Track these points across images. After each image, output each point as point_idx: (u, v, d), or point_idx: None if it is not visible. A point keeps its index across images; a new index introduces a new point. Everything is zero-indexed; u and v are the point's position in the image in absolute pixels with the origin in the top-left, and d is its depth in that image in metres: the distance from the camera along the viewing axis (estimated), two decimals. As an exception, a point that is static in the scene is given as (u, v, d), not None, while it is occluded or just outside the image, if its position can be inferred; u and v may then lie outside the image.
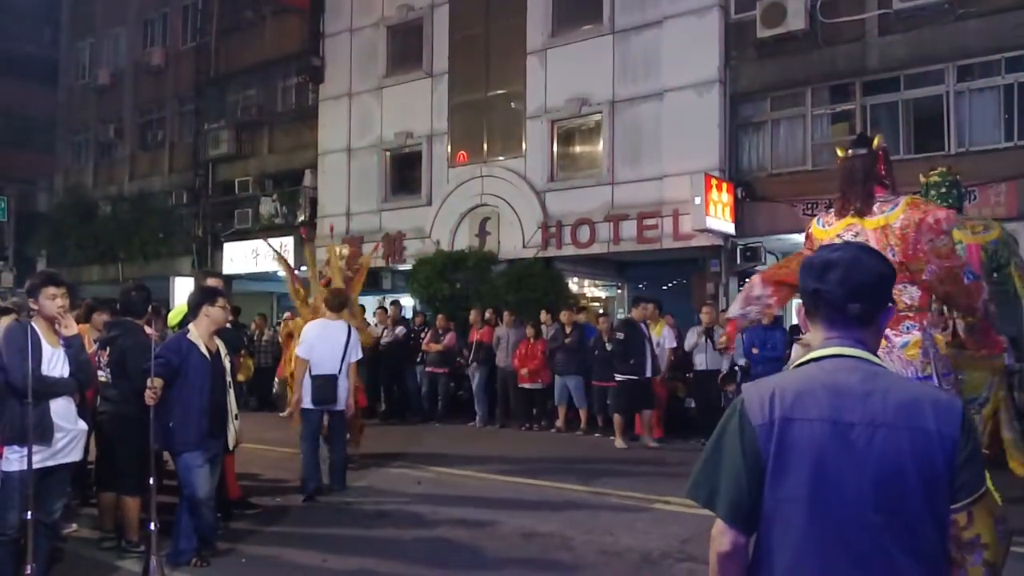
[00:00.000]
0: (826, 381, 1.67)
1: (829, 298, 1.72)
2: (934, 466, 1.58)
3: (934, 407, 1.61)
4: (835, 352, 1.71)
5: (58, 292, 4.29)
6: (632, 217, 13.63)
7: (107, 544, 5.34)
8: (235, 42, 20.89)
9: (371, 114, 17.54)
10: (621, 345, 10.11)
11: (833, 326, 1.73)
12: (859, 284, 1.71)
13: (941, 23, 11.54)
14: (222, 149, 20.37)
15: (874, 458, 1.58)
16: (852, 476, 1.58)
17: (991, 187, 10.92)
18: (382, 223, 17.10)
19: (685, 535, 5.60)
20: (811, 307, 1.77)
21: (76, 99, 25.67)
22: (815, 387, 1.67)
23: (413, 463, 8.58)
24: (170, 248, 21.58)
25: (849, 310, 1.70)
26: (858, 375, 1.66)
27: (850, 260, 1.73)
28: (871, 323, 1.74)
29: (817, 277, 1.74)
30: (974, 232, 6.60)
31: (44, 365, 4.14)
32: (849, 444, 1.59)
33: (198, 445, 4.89)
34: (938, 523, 1.59)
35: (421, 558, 5.16)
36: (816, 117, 12.93)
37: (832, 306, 1.72)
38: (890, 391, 1.64)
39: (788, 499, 1.62)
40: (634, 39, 14.00)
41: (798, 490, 1.61)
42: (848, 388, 1.64)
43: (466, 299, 13.89)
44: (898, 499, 1.57)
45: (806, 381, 1.69)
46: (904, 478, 1.57)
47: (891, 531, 1.56)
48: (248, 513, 6.28)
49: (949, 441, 1.59)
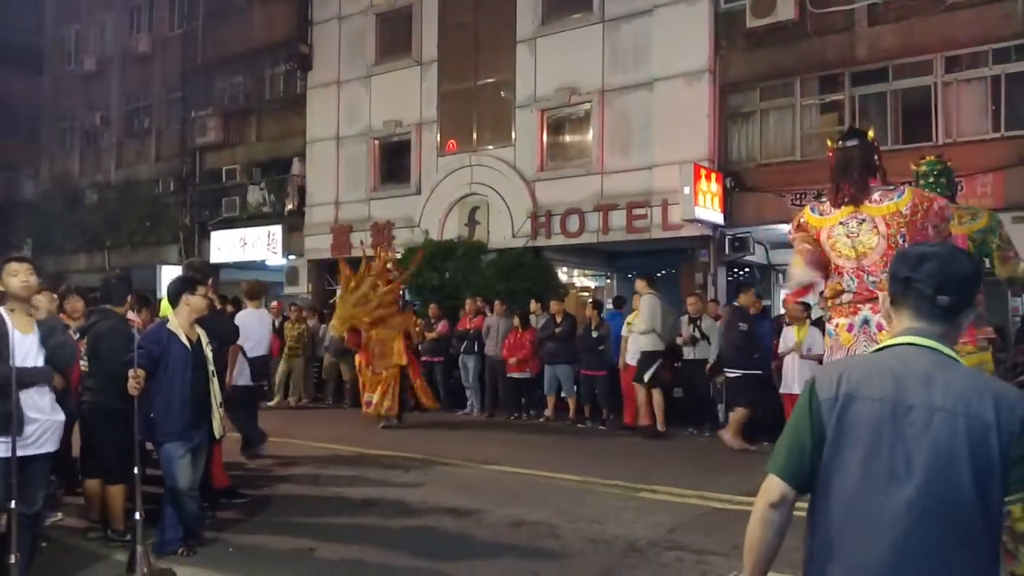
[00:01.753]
0: (894, 366, 1.75)
1: (920, 288, 1.78)
2: (989, 455, 1.62)
3: (996, 399, 1.66)
4: (909, 341, 1.79)
5: (20, 268, 4.10)
6: (621, 207, 13.63)
7: (93, 534, 5.31)
8: (222, 29, 20.68)
9: (360, 102, 17.44)
10: (745, 337, 9.21)
11: (920, 316, 1.80)
12: (951, 278, 1.77)
13: (929, 14, 11.57)
14: (209, 137, 20.22)
15: (928, 440, 1.64)
16: (904, 455, 1.65)
17: (977, 178, 10.97)
18: (371, 212, 17.05)
19: (672, 524, 5.63)
20: (899, 296, 1.83)
21: (62, 86, 25.39)
22: (882, 370, 1.76)
23: (402, 451, 8.57)
24: (157, 236, 21.45)
25: (938, 302, 1.77)
26: (926, 362, 1.73)
27: (945, 255, 1.81)
28: (955, 318, 1.79)
29: (912, 267, 1.80)
30: (960, 222, 6.54)
31: (19, 357, 3.97)
32: (906, 425, 1.67)
33: (180, 435, 4.87)
34: (988, 512, 1.62)
35: (408, 547, 5.17)
36: (805, 107, 12.95)
37: (922, 296, 1.78)
38: (955, 380, 1.70)
39: (841, 469, 1.72)
40: (624, 28, 13.96)
41: (851, 462, 1.70)
42: (913, 373, 1.72)
43: (455, 288, 13.87)
44: (947, 484, 1.61)
45: (875, 364, 1.81)
46: (956, 463, 1.62)
47: (936, 514, 1.61)
48: (235, 502, 6.26)
49: (1007, 433, 1.62)
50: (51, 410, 4.25)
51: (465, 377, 12.18)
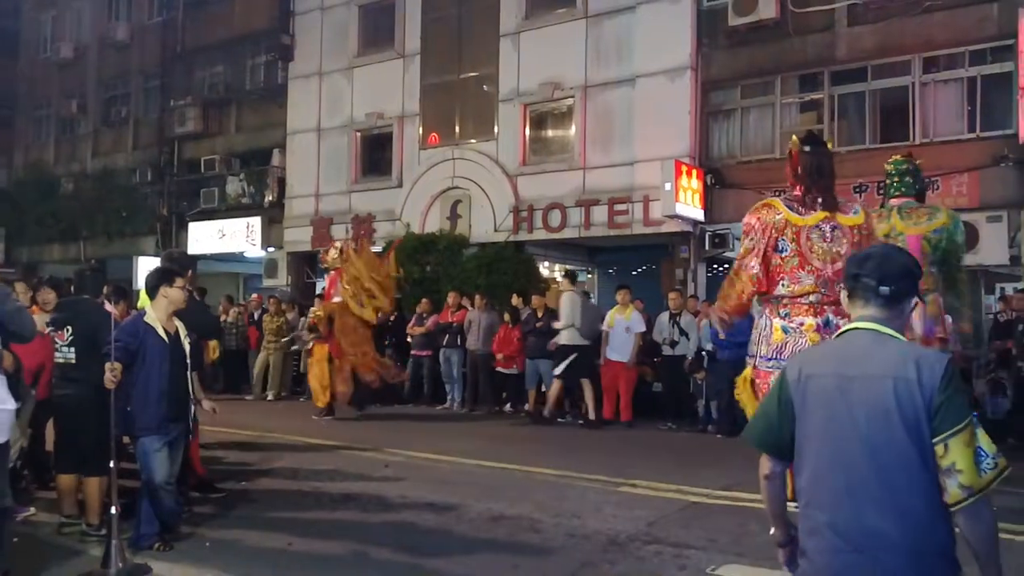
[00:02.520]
0: (841, 347, 2.20)
1: (866, 281, 2.16)
2: (915, 406, 1.99)
3: (918, 361, 2.03)
4: (856, 326, 2.18)
5: None
6: (603, 202, 13.67)
7: (67, 529, 5.24)
8: (203, 17, 20.44)
9: (342, 94, 17.33)
10: None
11: (867, 305, 2.17)
12: (890, 272, 2.16)
13: (908, 15, 11.70)
14: (188, 127, 19.99)
15: (866, 402, 2.04)
16: (849, 416, 2.06)
17: (953, 177, 11.12)
18: (352, 205, 16.95)
19: (651, 518, 5.65)
20: (851, 290, 2.22)
21: (37, 73, 24.94)
22: (832, 352, 2.23)
23: (381, 446, 8.55)
24: (134, 227, 21.15)
25: (880, 291, 2.14)
26: (867, 341, 2.12)
27: (884, 253, 2.24)
28: (897, 304, 2.16)
29: (859, 265, 2.20)
30: (916, 223, 6.56)
31: None
32: (850, 392, 2.07)
33: (157, 429, 4.81)
34: (922, 452, 1.99)
35: (388, 542, 5.15)
36: (785, 106, 13.04)
37: (867, 288, 2.16)
38: (887, 351, 2.08)
39: (808, 435, 2.14)
40: (607, 24, 13.97)
41: (815, 427, 2.12)
42: (854, 350, 2.13)
43: (436, 282, 13.85)
44: (885, 432, 2.00)
45: (827, 348, 2.35)
46: (889, 416, 2.00)
47: (880, 455, 2.01)
48: (212, 497, 6.21)
49: (928, 388, 1.99)
50: (3, 399, 3.97)
51: (447, 371, 12.17)
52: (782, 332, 5.74)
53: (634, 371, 10.62)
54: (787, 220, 5.70)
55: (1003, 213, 10.93)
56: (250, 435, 8.95)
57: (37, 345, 5.14)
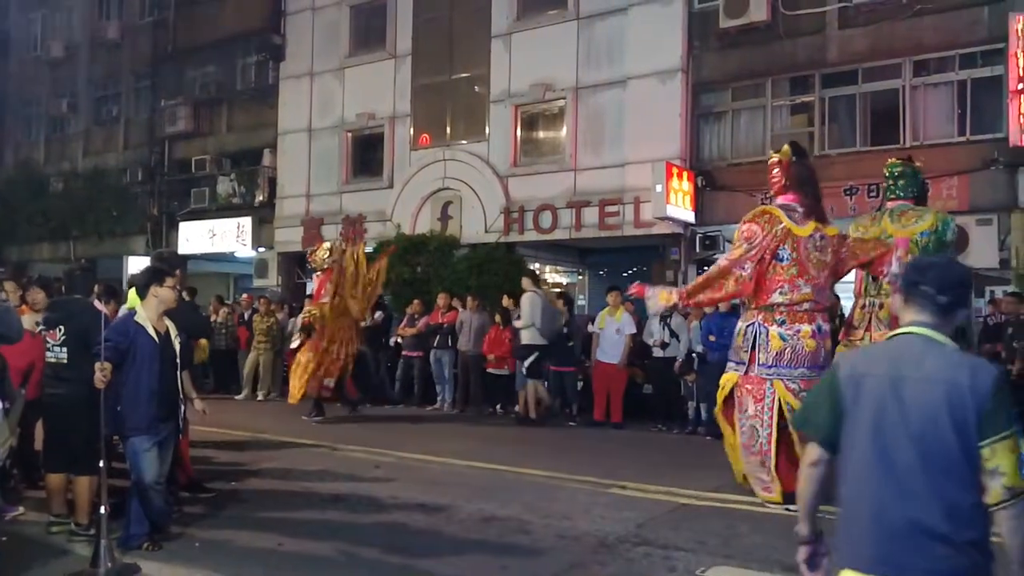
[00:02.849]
0: (894, 349, 2.32)
1: (926, 290, 2.29)
2: (965, 410, 2.11)
3: (971, 368, 2.17)
4: (910, 331, 2.31)
5: None
6: (594, 204, 13.70)
7: (56, 528, 5.22)
8: (194, 17, 20.33)
9: (333, 94, 17.31)
10: None
11: (922, 311, 2.31)
12: (949, 282, 2.31)
13: (899, 18, 11.76)
14: (179, 126, 19.91)
15: (917, 403, 2.17)
16: (901, 414, 2.18)
17: (943, 180, 11.18)
18: (342, 205, 16.93)
19: (641, 520, 5.68)
20: (910, 296, 2.35)
21: (28, 72, 24.75)
22: (886, 353, 2.34)
23: (372, 447, 8.54)
24: (124, 227, 21.05)
25: (938, 300, 2.28)
26: (921, 346, 2.26)
27: (945, 264, 2.43)
28: (949, 313, 2.30)
29: (920, 274, 2.35)
30: (905, 225, 6.68)
31: None
32: (901, 392, 2.20)
33: (147, 429, 4.80)
34: (968, 454, 2.11)
35: (378, 542, 5.16)
36: (776, 108, 13.11)
37: (926, 296, 2.30)
38: (940, 357, 2.22)
39: (857, 430, 2.26)
40: (599, 25, 14.01)
41: (865, 423, 2.24)
42: (910, 354, 2.25)
43: (427, 283, 13.84)
44: (934, 432, 2.13)
45: (881, 349, 2.52)
46: (939, 417, 2.13)
47: (930, 455, 2.13)
48: (202, 497, 6.20)
49: (978, 394, 2.11)
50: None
51: (438, 372, 12.16)
52: (780, 339, 5.97)
53: (624, 373, 10.64)
54: (789, 230, 6.03)
55: (993, 216, 11.00)
56: (240, 435, 8.92)
57: (27, 345, 5.13)
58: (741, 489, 6.47)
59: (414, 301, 12.74)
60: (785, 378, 5.98)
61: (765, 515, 5.88)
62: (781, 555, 4.98)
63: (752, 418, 6.07)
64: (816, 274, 6.07)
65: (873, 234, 6.75)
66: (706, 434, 9.68)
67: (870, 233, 6.79)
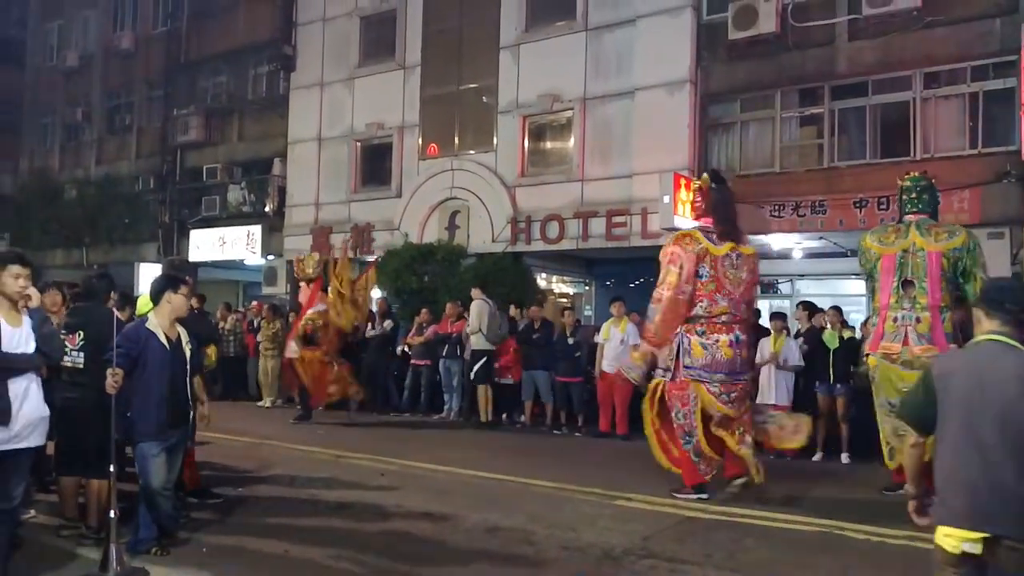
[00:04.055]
0: (977, 352, 2.89)
1: (1008, 307, 2.85)
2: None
3: None
4: (992, 338, 2.86)
5: (23, 272, 4.16)
6: (601, 214, 13.72)
7: (66, 532, 5.27)
8: (207, 28, 20.58)
9: (342, 104, 17.42)
10: None
11: (1004, 324, 2.86)
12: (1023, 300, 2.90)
13: (909, 30, 11.72)
14: (191, 135, 20.09)
15: (1001, 398, 2.70)
16: (984, 403, 2.73)
17: (955, 194, 11.14)
18: (351, 214, 17.02)
19: (647, 532, 5.65)
20: (992, 311, 2.89)
21: (43, 81, 25.10)
22: (971, 356, 2.93)
23: (378, 455, 8.55)
24: (136, 234, 21.23)
25: (1019, 317, 2.84)
26: (997, 349, 2.82)
27: (1020, 287, 3.15)
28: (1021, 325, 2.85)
29: (1002, 293, 2.95)
30: (937, 239, 6.86)
31: (4, 345, 4.01)
32: (985, 386, 2.75)
33: (156, 435, 4.84)
34: None
35: (383, 550, 5.17)
36: (785, 120, 13.09)
37: (1008, 312, 2.85)
38: (1017, 358, 2.76)
39: (950, 419, 2.83)
40: (607, 37, 14.06)
41: (956, 413, 2.81)
42: (990, 356, 2.82)
43: (434, 292, 13.87)
44: (1014, 416, 2.68)
45: (968, 353, 3.00)
46: (1017, 404, 2.67)
47: (1010, 435, 2.67)
48: (210, 503, 6.23)
49: None
50: (38, 404, 4.23)
51: (447, 381, 12.17)
52: (701, 348, 6.66)
53: (629, 384, 10.55)
54: (707, 249, 6.72)
55: (1005, 230, 10.93)
56: (247, 441, 8.95)
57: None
58: (748, 502, 6.45)
59: (422, 310, 12.77)
60: (706, 382, 6.65)
61: (771, 528, 5.86)
62: (787, 569, 4.98)
63: (681, 419, 6.74)
64: (732, 289, 6.72)
65: (901, 246, 6.94)
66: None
67: (896, 245, 6.97)
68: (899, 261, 6.97)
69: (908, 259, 6.92)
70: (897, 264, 6.98)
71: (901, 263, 6.96)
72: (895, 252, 6.99)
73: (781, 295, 14.79)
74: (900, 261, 6.96)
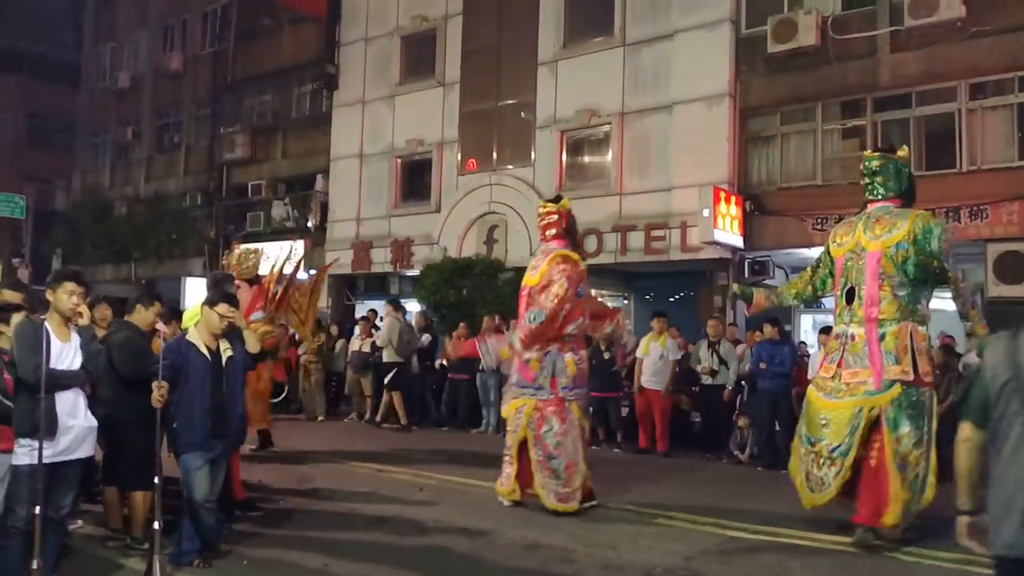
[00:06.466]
0: None
1: None
2: None
3: None
4: None
5: (77, 290, 4.30)
6: (640, 228, 13.67)
7: (112, 542, 5.39)
8: (252, 49, 21.10)
9: (383, 121, 17.67)
10: None
11: None
12: None
13: (953, 40, 11.53)
14: (237, 153, 20.59)
15: None
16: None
17: (1003, 206, 10.90)
18: (391, 229, 17.21)
19: (689, 552, 5.56)
20: None
21: (96, 101, 26.00)
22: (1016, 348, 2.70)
23: (417, 469, 8.60)
24: (183, 249, 21.78)
25: None
26: None
27: None
28: None
29: None
30: (877, 235, 5.78)
31: (54, 360, 4.14)
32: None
33: (200, 446, 4.92)
34: None
35: (420, 566, 5.18)
36: (827, 132, 12.94)
37: None
38: None
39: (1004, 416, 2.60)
40: (645, 52, 14.06)
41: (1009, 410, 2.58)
42: None
43: (472, 306, 13.93)
44: None
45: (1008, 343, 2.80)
46: None
47: None
48: (251, 515, 6.31)
49: None
50: (85, 416, 4.38)
51: (484, 396, 12.20)
52: (574, 365, 6.82)
53: (669, 399, 10.48)
54: (584, 271, 7.09)
55: (1054, 242, 10.67)
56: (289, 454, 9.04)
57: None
58: (794, 522, 6.31)
59: (460, 324, 12.82)
60: (580, 399, 6.92)
61: (818, 550, 5.72)
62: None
63: (559, 435, 6.70)
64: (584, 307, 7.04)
65: (848, 247, 5.95)
66: (757, 465, 9.47)
67: (845, 246, 5.98)
68: (844, 265, 5.95)
69: (853, 262, 5.88)
70: (843, 269, 5.97)
71: (846, 267, 5.93)
72: (843, 254, 6.00)
73: (826, 309, 14.52)
74: (845, 265, 5.94)
